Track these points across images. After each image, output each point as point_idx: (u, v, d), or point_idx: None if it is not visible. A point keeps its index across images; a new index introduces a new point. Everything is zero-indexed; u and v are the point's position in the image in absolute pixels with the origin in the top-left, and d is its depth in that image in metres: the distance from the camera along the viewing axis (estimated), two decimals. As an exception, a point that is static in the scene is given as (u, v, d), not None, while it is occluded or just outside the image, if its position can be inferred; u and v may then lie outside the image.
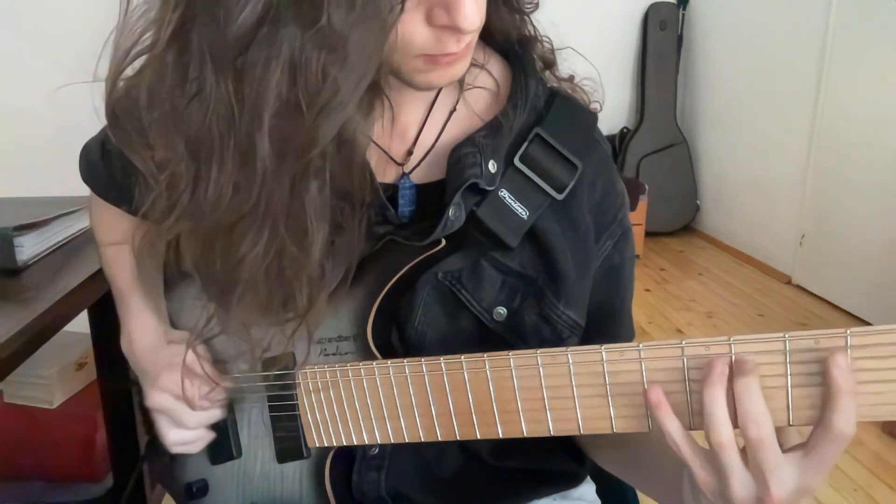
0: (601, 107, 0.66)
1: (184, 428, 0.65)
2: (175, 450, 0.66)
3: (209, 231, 0.48)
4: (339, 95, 0.41)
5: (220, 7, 0.39)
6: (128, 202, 0.62)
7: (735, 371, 0.45)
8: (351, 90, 0.42)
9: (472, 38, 0.49)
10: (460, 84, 0.61)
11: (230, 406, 0.68)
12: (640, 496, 0.81)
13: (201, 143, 0.44)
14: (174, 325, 0.72)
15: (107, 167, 0.68)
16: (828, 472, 0.44)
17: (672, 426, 0.47)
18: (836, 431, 0.42)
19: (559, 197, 0.60)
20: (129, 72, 0.46)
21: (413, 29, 0.46)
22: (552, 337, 0.62)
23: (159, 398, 0.64)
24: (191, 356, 0.63)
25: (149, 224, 0.52)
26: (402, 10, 0.43)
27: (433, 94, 0.62)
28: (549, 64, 0.65)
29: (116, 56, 0.45)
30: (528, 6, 0.63)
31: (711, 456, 0.46)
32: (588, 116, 0.64)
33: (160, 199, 0.49)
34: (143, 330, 0.69)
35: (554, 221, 0.61)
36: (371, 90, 0.44)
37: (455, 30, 0.45)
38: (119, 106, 0.49)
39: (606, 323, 0.66)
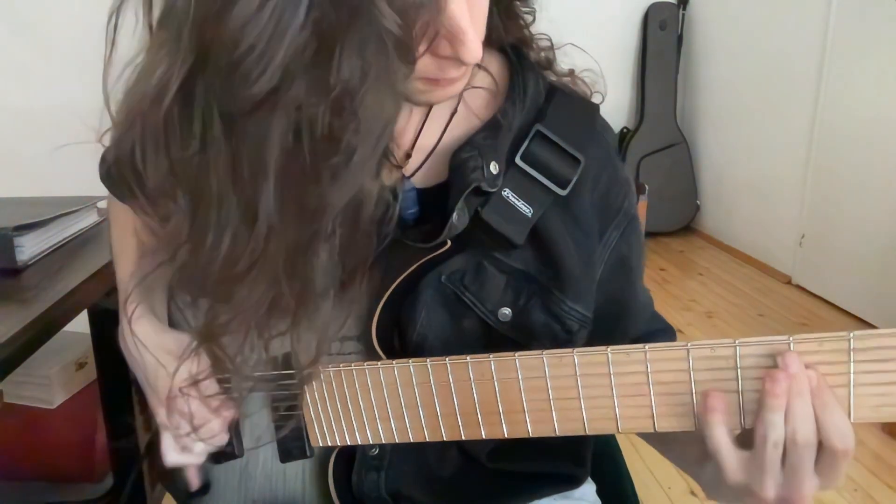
0: (603, 97, 0.65)
1: (187, 453, 0.65)
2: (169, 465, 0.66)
3: (207, 283, 0.47)
4: (351, 163, 0.41)
5: (237, 71, 0.38)
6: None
7: (818, 388, 0.45)
8: (364, 158, 0.41)
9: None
10: None
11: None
12: (641, 497, 0.81)
13: (203, 198, 0.43)
14: (176, 325, 0.72)
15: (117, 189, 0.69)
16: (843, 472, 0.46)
17: (720, 432, 0.48)
18: (839, 451, 0.45)
19: (562, 193, 0.59)
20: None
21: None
22: (563, 333, 0.62)
23: (173, 421, 0.64)
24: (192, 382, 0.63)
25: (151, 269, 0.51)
26: (411, 72, 0.42)
27: None
28: (548, 63, 0.65)
29: (122, 116, 0.44)
30: (527, 15, 0.63)
31: (754, 458, 0.47)
32: (589, 108, 0.64)
33: (162, 250, 0.48)
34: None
35: (556, 217, 0.60)
36: (382, 154, 0.44)
37: (458, 61, 0.45)
38: (120, 161, 0.47)
39: (621, 313, 0.66)
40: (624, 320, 0.67)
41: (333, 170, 0.41)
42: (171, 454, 0.65)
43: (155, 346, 0.65)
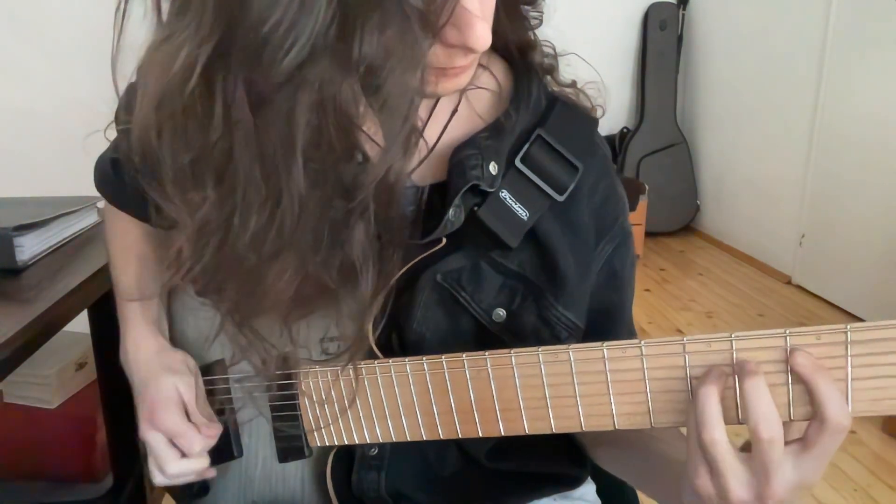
0: (604, 112, 0.66)
1: (163, 472, 0.65)
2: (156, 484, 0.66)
3: (236, 268, 0.47)
4: (381, 140, 0.41)
5: (265, 47, 0.37)
6: (139, 208, 0.61)
7: (741, 371, 0.45)
8: (392, 135, 0.41)
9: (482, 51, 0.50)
10: None
11: (231, 405, 0.68)
12: (641, 497, 0.81)
13: (231, 180, 0.43)
14: (176, 325, 0.72)
15: (118, 177, 0.68)
16: (825, 466, 0.44)
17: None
18: (832, 423, 0.43)
19: (560, 198, 0.60)
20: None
21: None
22: (551, 339, 0.62)
23: (152, 437, 0.64)
24: (186, 390, 0.64)
25: (170, 272, 0.51)
26: (433, 43, 0.42)
27: None
28: (550, 70, 0.65)
29: (141, 106, 0.43)
30: (534, 20, 0.63)
31: (705, 456, 0.46)
32: (589, 121, 0.64)
33: (188, 244, 0.47)
34: (138, 346, 0.69)
35: (554, 223, 0.61)
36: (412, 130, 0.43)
37: (466, 49, 0.45)
38: (142, 149, 0.46)
39: (606, 325, 0.66)
40: (609, 331, 0.67)
41: (362, 148, 0.41)
42: (155, 474, 0.65)
43: (159, 363, 0.67)
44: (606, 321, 0.66)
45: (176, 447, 0.64)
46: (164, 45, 0.41)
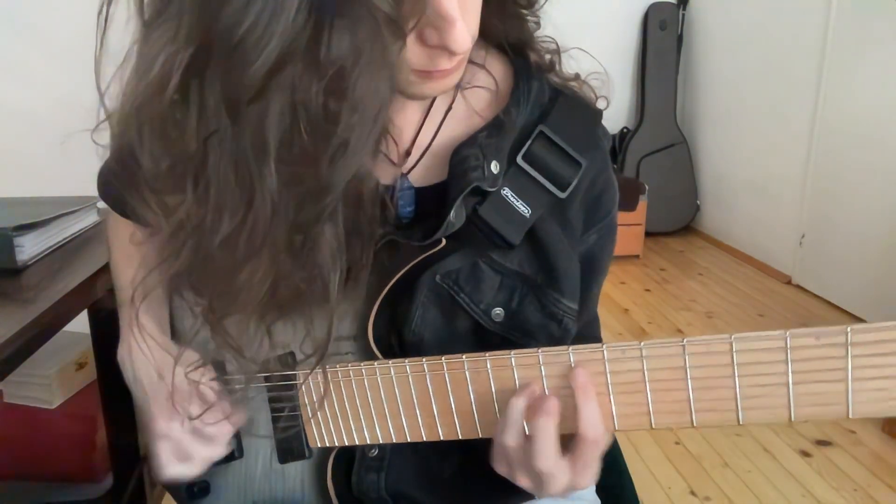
0: (608, 102, 0.65)
1: (189, 462, 0.64)
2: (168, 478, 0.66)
3: (211, 268, 0.47)
4: (350, 143, 0.41)
5: (238, 50, 0.38)
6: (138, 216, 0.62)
7: (575, 383, 0.51)
8: (362, 137, 0.41)
9: (464, 54, 0.50)
10: (457, 83, 0.61)
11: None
12: (641, 497, 0.80)
13: (210, 186, 0.43)
14: (173, 322, 0.72)
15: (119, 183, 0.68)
16: (595, 469, 0.53)
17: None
18: (588, 437, 0.50)
19: (562, 195, 0.60)
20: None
21: (406, 48, 0.45)
22: (559, 331, 0.62)
23: (172, 428, 0.63)
24: (201, 378, 0.63)
25: (153, 270, 0.51)
26: (402, 47, 0.42)
27: None
28: (551, 66, 0.65)
29: (122, 110, 0.43)
30: (532, 20, 0.63)
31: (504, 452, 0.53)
32: (592, 113, 0.64)
33: (165, 246, 0.48)
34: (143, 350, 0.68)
35: (553, 220, 0.61)
36: (381, 132, 0.44)
37: (446, 50, 0.46)
38: (123, 155, 0.47)
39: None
40: (580, 310, 0.67)
41: (332, 150, 0.41)
42: (171, 466, 0.64)
43: (167, 358, 0.66)
44: (581, 301, 0.66)
45: (197, 435, 0.64)
46: (142, 51, 0.41)
